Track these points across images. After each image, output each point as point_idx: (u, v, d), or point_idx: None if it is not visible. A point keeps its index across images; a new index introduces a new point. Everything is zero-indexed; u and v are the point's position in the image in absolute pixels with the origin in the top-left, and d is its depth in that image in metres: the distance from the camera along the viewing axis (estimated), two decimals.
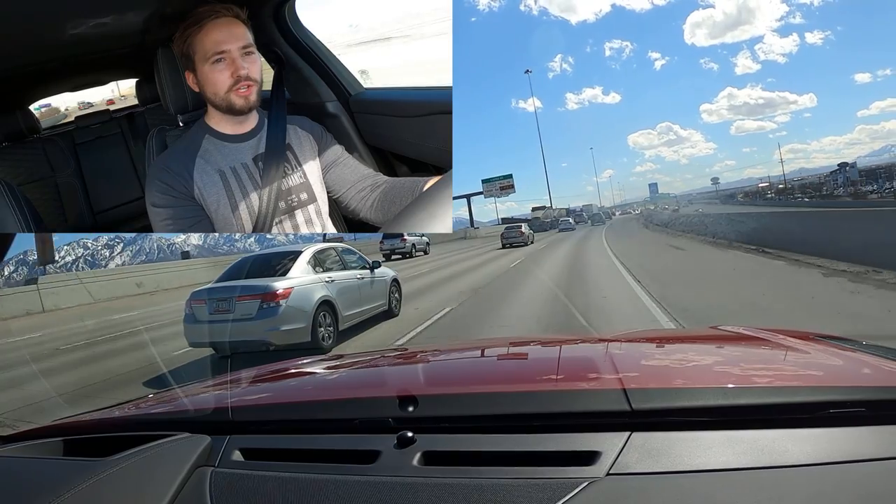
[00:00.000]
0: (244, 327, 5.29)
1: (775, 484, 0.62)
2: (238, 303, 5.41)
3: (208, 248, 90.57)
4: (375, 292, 7.12)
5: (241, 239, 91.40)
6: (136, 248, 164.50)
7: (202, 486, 0.77)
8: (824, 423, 0.70)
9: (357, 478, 0.73)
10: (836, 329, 2.30)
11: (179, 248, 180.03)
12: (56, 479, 0.77)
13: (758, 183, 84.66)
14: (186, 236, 43.54)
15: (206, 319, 5.54)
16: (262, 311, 5.31)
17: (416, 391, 0.87)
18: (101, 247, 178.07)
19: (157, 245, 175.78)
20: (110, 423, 1.06)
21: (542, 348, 1.46)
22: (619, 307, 6.73)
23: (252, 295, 5.39)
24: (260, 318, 5.29)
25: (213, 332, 5.48)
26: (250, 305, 5.35)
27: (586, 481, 0.65)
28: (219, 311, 5.49)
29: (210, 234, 2.41)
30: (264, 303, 5.33)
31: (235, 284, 5.69)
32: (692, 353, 1.23)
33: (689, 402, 0.77)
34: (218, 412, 0.95)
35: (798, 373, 0.99)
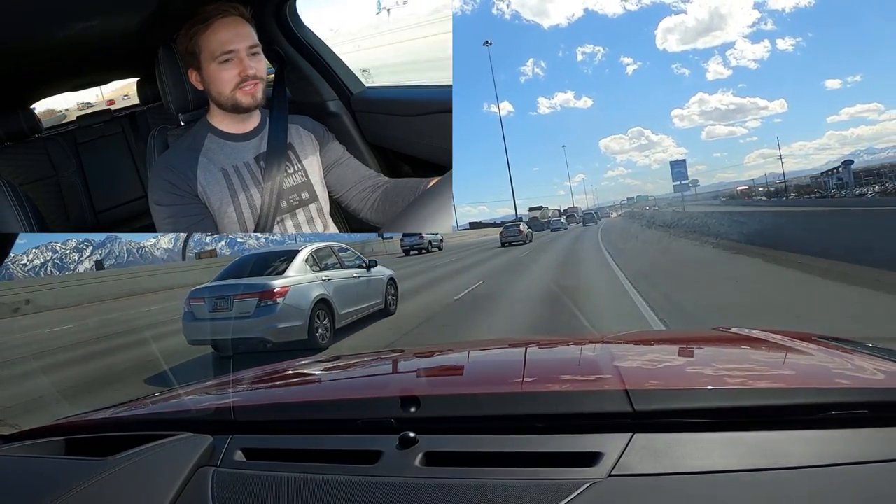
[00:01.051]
0: (242, 325, 5.37)
1: (777, 485, 0.62)
2: (236, 301, 5.50)
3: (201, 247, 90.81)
4: (372, 291, 7.23)
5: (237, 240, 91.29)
6: (106, 251, 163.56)
7: (204, 485, 0.76)
8: (827, 425, 0.70)
9: (359, 478, 0.73)
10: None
11: (150, 252, 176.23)
12: (57, 479, 0.77)
13: (736, 187, 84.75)
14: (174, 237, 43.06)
15: (204, 317, 5.63)
16: (259, 309, 5.39)
17: (419, 392, 0.87)
18: (70, 250, 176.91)
19: (128, 248, 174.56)
20: (112, 423, 1.06)
21: (544, 349, 1.46)
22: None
23: (250, 293, 5.47)
24: (258, 316, 5.37)
25: (213, 330, 5.58)
26: (248, 303, 5.43)
27: (588, 482, 0.65)
28: (218, 308, 5.58)
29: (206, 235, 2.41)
30: (262, 301, 5.41)
31: (234, 283, 5.77)
32: (694, 355, 1.23)
33: (691, 403, 0.76)
34: (220, 412, 0.95)
35: (800, 374, 0.99)
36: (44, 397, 5.11)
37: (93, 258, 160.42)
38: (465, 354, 1.48)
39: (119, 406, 1.19)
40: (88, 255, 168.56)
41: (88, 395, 5.16)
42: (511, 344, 1.47)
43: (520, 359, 1.33)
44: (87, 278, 21.97)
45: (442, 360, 1.44)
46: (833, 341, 1.15)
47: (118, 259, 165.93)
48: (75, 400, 4.98)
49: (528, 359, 1.35)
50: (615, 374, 0.97)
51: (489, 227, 35.52)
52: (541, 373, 1.17)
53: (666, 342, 1.45)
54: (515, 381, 1.06)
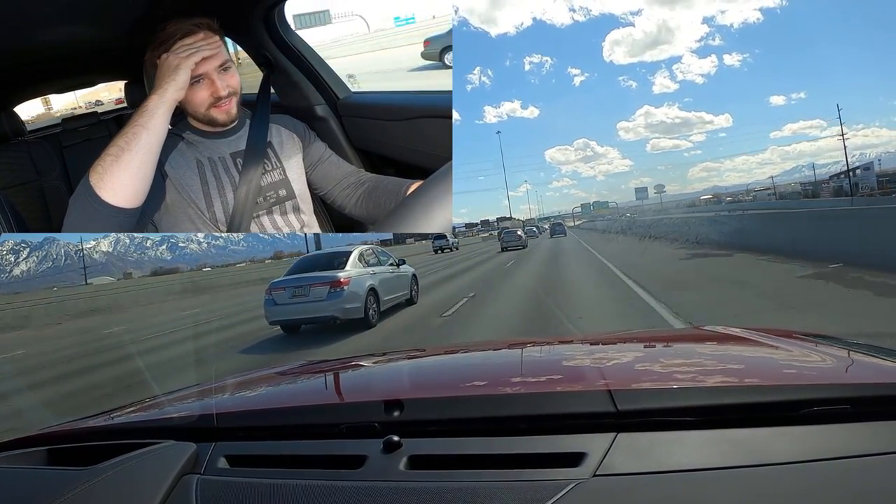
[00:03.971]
0: (318, 306, 7.30)
1: (761, 482, 0.62)
2: (312, 289, 7.39)
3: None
4: (402, 283, 9.13)
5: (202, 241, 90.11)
6: (43, 253, 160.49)
7: (188, 493, 0.76)
8: (809, 421, 0.70)
9: (343, 483, 0.73)
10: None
11: (88, 255, 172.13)
12: (40, 489, 0.76)
13: (700, 196, 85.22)
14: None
15: (285, 302, 7.51)
16: (331, 294, 7.28)
17: (403, 395, 0.87)
18: (7, 251, 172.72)
19: (65, 251, 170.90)
20: (94, 432, 1.04)
21: (528, 350, 1.46)
22: None
23: (322, 283, 7.37)
24: (330, 300, 7.27)
25: (292, 312, 7.48)
26: (322, 290, 7.33)
27: (573, 482, 0.65)
28: (297, 295, 7.45)
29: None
30: (332, 288, 7.29)
31: (308, 275, 7.65)
32: (677, 354, 1.23)
33: (675, 402, 0.77)
34: (203, 419, 0.94)
35: (782, 371, 1.00)
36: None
37: (30, 260, 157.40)
38: (448, 357, 1.48)
39: (102, 414, 1.17)
40: (25, 258, 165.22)
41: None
42: (495, 346, 1.47)
43: (503, 360, 1.33)
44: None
45: (425, 363, 1.44)
46: (814, 338, 1.17)
47: (55, 262, 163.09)
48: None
49: (511, 360, 1.35)
50: (598, 375, 0.97)
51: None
52: (524, 374, 1.17)
53: (648, 342, 1.45)
54: (499, 383, 1.06)
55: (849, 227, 8.89)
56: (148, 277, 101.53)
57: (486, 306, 8.52)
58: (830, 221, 9.95)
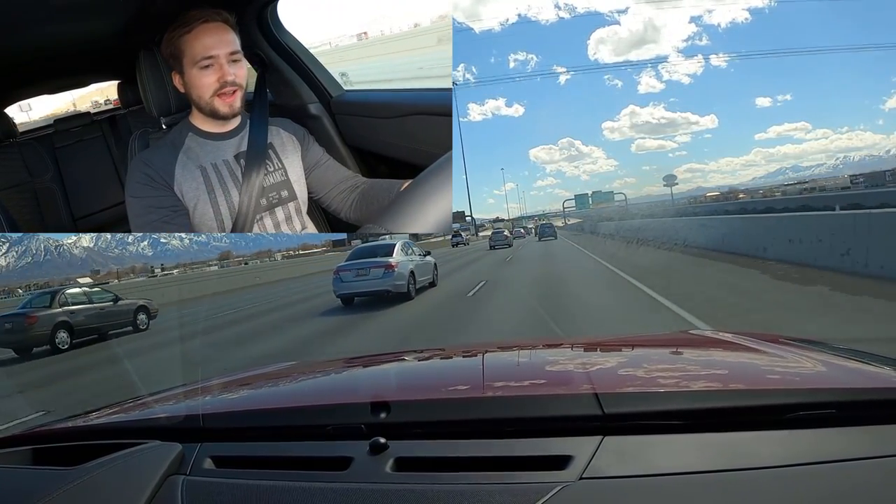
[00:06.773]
0: (376, 283, 9.83)
1: (747, 485, 0.62)
2: (371, 270, 9.96)
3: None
4: (428, 269, 11.67)
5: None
6: (23, 248, 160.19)
7: (174, 494, 0.75)
8: (794, 425, 0.70)
9: (329, 485, 0.72)
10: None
11: (68, 251, 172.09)
12: (25, 489, 0.75)
13: (699, 195, 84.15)
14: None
15: (349, 280, 10.12)
16: (385, 274, 9.83)
17: (389, 397, 0.86)
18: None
19: (45, 246, 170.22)
20: (80, 431, 1.04)
21: (515, 353, 1.46)
22: None
23: (379, 265, 9.94)
24: (384, 278, 9.82)
25: (355, 286, 10.03)
26: (378, 271, 9.89)
27: (559, 485, 0.65)
28: (360, 274, 10.04)
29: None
30: (386, 270, 9.85)
31: (367, 261, 10.16)
32: (664, 358, 1.22)
33: (661, 405, 0.76)
34: (189, 419, 0.93)
35: (768, 375, 0.99)
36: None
37: (8, 256, 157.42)
38: (436, 359, 1.47)
39: (88, 414, 1.17)
40: (3, 253, 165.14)
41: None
42: (483, 348, 1.46)
43: (491, 363, 1.32)
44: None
45: (413, 365, 1.43)
46: (801, 342, 1.16)
47: (35, 258, 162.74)
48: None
49: (499, 363, 1.35)
50: (585, 378, 0.97)
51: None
52: (511, 377, 1.17)
53: (635, 345, 1.45)
54: (486, 386, 1.06)
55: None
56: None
57: (498, 289, 10.84)
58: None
